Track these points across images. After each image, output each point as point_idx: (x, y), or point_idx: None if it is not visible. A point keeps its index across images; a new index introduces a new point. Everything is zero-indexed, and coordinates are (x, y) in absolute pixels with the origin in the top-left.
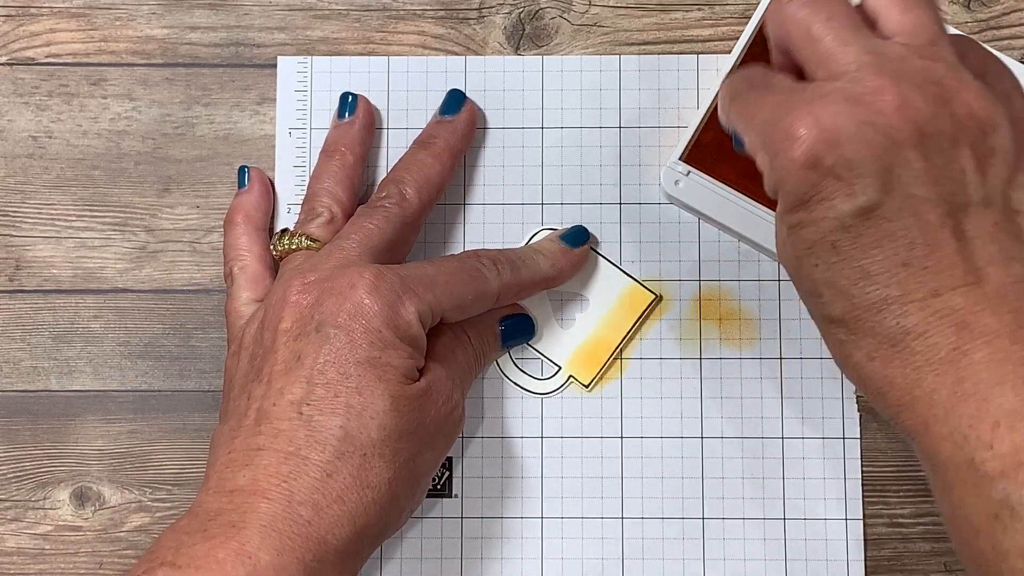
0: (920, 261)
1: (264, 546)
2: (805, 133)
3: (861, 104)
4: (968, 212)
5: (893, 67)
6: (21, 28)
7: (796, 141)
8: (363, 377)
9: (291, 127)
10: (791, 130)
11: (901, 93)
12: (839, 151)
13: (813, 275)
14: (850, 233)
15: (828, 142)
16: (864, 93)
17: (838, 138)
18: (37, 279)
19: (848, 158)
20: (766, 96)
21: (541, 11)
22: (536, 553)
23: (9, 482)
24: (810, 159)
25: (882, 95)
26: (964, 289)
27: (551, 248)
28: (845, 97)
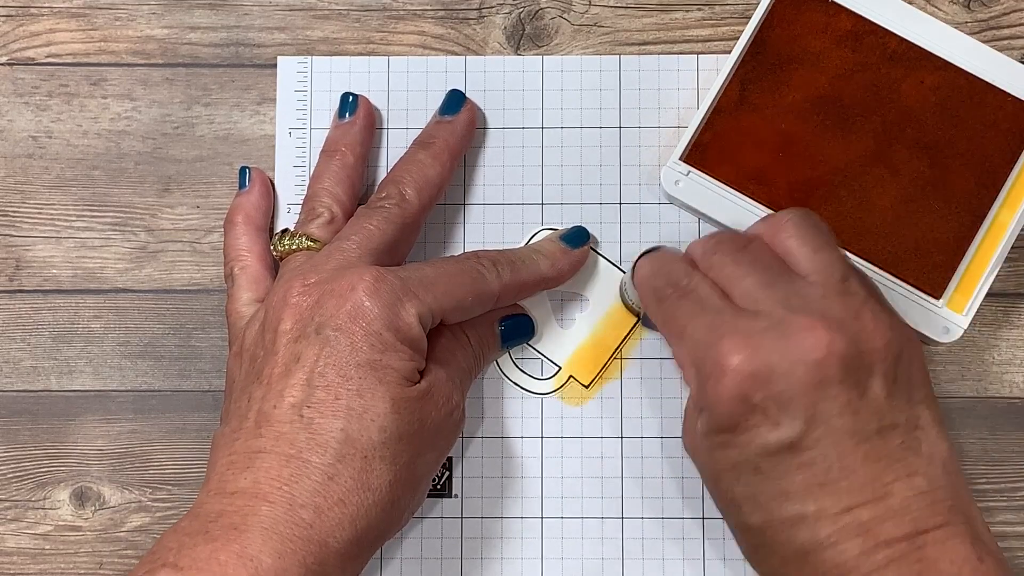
0: (835, 482)
1: (266, 549)
2: (737, 367)
3: (790, 342)
4: (879, 436)
5: (816, 307)
6: (21, 28)
7: (728, 373)
8: (364, 379)
9: (291, 127)
10: (724, 361)
11: (825, 333)
12: (769, 388)
13: (733, 489)
14: (773, 459)
15: (759, 379)
16: (791, 332)
17: (769, 375)
18: (37, 279)
19: (777, 396)
20: (696, 313)
21: (541, 11)
22: (536, 553)
23: (9, 482)
24: (741, 393)
25: (810, 335)
26: (872, 504)
27: (551, 249)
28: (775, 334)
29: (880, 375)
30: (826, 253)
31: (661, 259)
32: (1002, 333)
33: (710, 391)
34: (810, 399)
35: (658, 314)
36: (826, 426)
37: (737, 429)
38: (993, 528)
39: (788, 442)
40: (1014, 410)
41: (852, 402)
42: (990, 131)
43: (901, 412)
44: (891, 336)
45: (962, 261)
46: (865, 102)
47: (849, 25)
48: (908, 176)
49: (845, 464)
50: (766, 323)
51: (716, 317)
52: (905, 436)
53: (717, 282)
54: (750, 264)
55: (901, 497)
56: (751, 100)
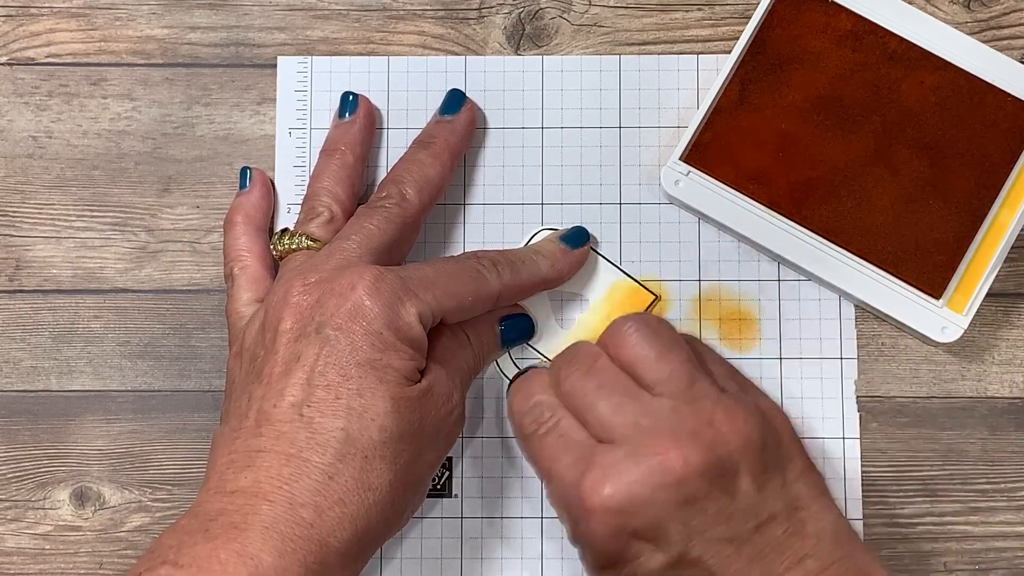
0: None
1: (266, 548)
2: (602, 504)
3: (647, 468)
4: (760, 532)
5: (666, 425)
6: (21, 28)
7: (596, 510)
8: (364, 379)
9: (291, 127)
10: (589, 498)
11: (681, 449)
12: (639, 517)
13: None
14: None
15: (627, 510)
16: (647, 456)
17: (636, 506)
18: (37, 279)
19: (648, 522)
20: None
21: (541, 11)
22: (536, 553)
23: (9, 482)
24: (614, 527)
25: (664, 457)
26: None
27: (551, 249)
28: (632, 462)
29: (746, 473)
30: (669, 357)
31: (527, 390)
32: (1002, 333)
33: (584, 531)
34: (682, 518)
35: (526, 451)
36: (704, 538)
37: (621, 561)
38: (993, 528)
39: (672, 563)
40: (1014, 410)
41: (723, 509)
42: (990, 131)
43: (778, 499)
44: (747, 431)
45: (962, 261)
46: (865, 102)
47: (849, 25)
48: (908, 176)
49: (734, 569)
50: (623, 452)
51: (576, 454)
52: (787, 523)
53: (574, 408)
54: (599, 388)
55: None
56: (751, 100)
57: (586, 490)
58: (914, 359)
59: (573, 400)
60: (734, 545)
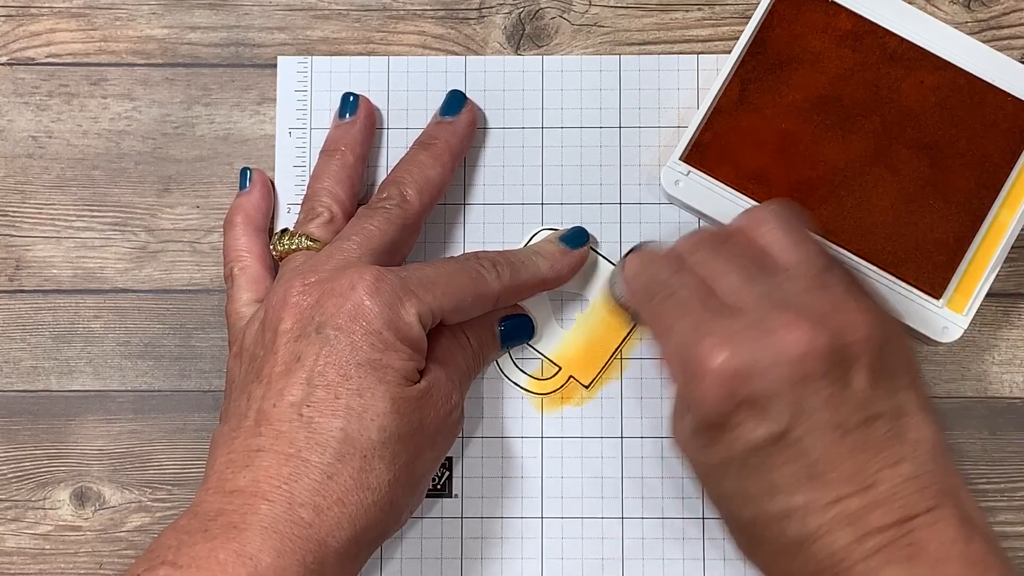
0: (823, 475)
1: (265, 548)
2: (720, 366)
3: (771, 340)
4: (864, 426)
5: (796, 302)
6: (21, 28)
7: (711, 373)
8: (363, 379)
9: (291, 127)
10: (707, 360)
11: (806, 329)
12: (752, 385)
13: (723, 485)
14: (760, 454)
15: (742, 377)
16: (772, 329)
17: (751, 372)
18: (37, 279)
19: (760, 392)
20: (680, 313)
21: (541, 11)
22: (536, 553)
23: (9, 482)
24: (725, 391)
25: (789, 332)
26: (860, 493)
27: (551, 250)
28: (756, 332)
29: (863, 367)
30: (806, 245)
31: (647, 258)
32: (1002, 333)
33: (695, 390)
34: (793, 395)
35: (645, 314)
36: (811, 420)
37: (723, 427)
38: (993, 528)
39: (774, 437)
40: (1014, 410)
41: (835, 395)
42: (990, 131)
43: (885, 401)
44: (873, 327)
45: (962, 261)
46: (865, 102)
47: (849, 25)
48: (908, 176)
49: (832, 456)
50: (747, 321)
51: (699, 317)
52: (890, 424)
53: (702, 279)
54: (730, 260)
55: (888, 485)
56: (751, 100)
57: (705, 351)
58: None
59: (704, 268)
60: (837, 433)
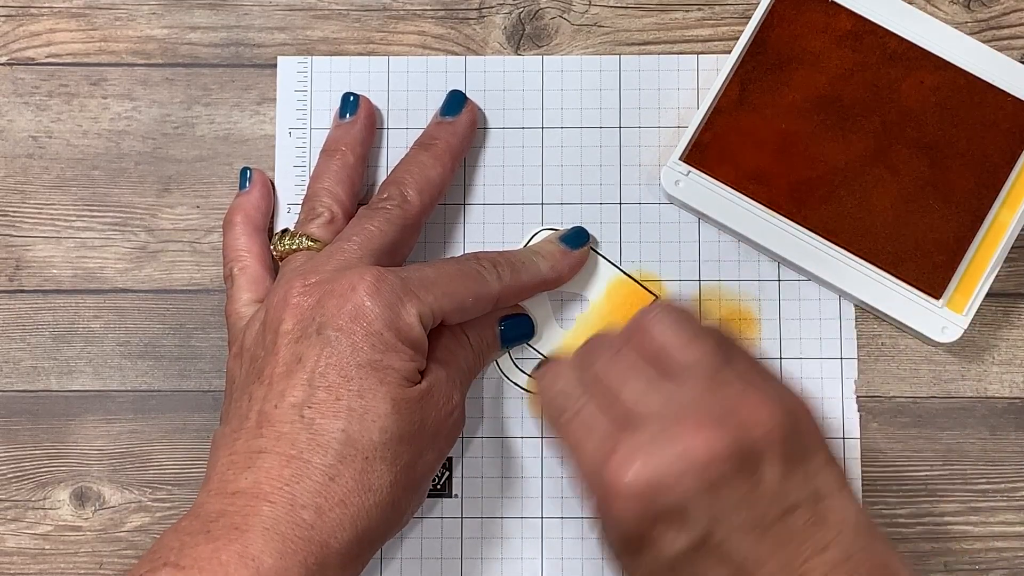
0: (747, 574)
1: (267, 549)
2: (629, 484)
3: (677, 448)
4: (783, 520)
5: (697, 406)
6: (21, 28)
7: (622, 490)
8: (364, 380)
9: (291, 127)
10: (617, 477)
11: (710, 432)
12: (665, 496)
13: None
14: (686, 563)
15: (654, 489)
16: (677, 436)
17: (662, 484)
18: (37, 279)
19: (673, 503)
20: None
21: (541, 11)
22: (536, 553)
23: (9, 482)
24: (639, 507)
25: (693, 437)
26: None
27: (551, 250)
28: (661, 442)
29: (772, 460)
30: (700, 343)
31: (552, 375)
32: (1002, 333)
33: (610, 509)
34: (708, 500)
35: (555, 433)
36: (729, 522)
37: (644, 540)
38: (993, 528)
39: (695, 545)
40: (1014, 410)
41: (750, 493)
42: (990, 131)
43: (801, 489)
44: (774, 417)
45: (962, 261)
46: (865, 102)
47: (849, 25)
48: (908, 176)
49: (757, 555)
50: (650, 433)
51: (604, 432)
52: (811, 511)
53: (604, 394)
54: (624, 373)
55: (819, 574)
56: (751, 100)
57: (611, 472)
58: (914, 359)
59: (598, 386)
60: (757, 531)
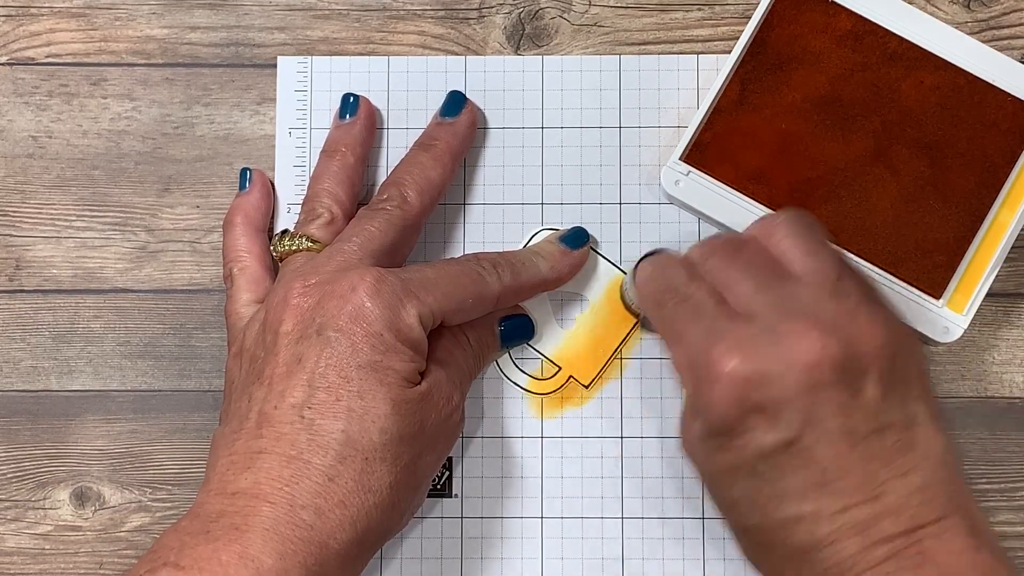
0: (832, 483)
1: (267, 550)
2: (731, 372)
3: (782, 347)
4: (875, 436)
5: (809, 311)
6: (21, 28)
7: (723, 378)
8: (364, 381)
9: (291, 127)
10: (718, 365)
11: (818, 337)
12: (763, 392)
13: (731, 491)
14: (769, 461)
15: (753, 383)
16: (784, 337)
17: (763, 380)
18: (37, 279)
19: (771, 398)
20: (692, 319)
21: (541, 11)
22: (536, 553)
23: (9, 482)
24: (735, 397)
25: (800, 340)
26: (869, 503)
27: (551, 250)
28: (767, 339)
29: (874, 377)
30: (820, 254)
31: (660, 264)
32: (1002, 333)
33: (705, 396)
34: (804, 402)
35: (656, 320)
36: (821, 428)
37: (733, 432)
38: (993, 528)
39: (783, 444)
40: (1014, 410)
41: (846, 404)
42: (990, 131)
43: (896, 411)
44: (885, 337)
45: (962, 261)
46: (865, 102)
47: (849, 25)
48: (908, 176)
49: (841, 465)
50: (760, 328)
51: (711, 323)
52: (900, 435)
53: (714, 286)
54: (744, 268)
55: (897, 495)
56: (751, 100)
57: (716, 357)
58: None
59: (717, 276)
60: (847, 442)
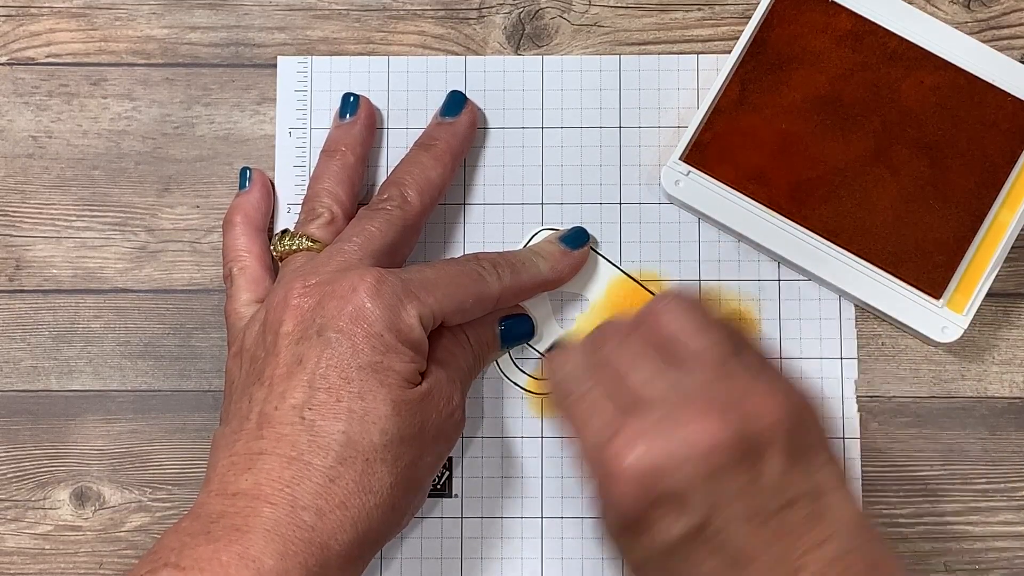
0: (747, 566)
1: (268, 550)
2: (630, 466)
3: (680, 434)
4: (782, 513)
5: (703, 393)
6: (21, 28)
7: (623, 472)
8: (365, 382)
9: (291, 127)
10: (619, 458)
11: (713, 420)
12: (666, 481)
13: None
14: (681, 550)
15: (655, 472)
16: (681, 423)
17: (664, 468)
18: (37, 279)
19: (675, 486)
20: (590, 416)
21: (541, 11)
22: (536, 553)
23: (9, 482)
24: (638, 490)
25: (697, 424)
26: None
27: (551, 250)
28: (665, 427)
29: (776, 451)
30: (710, 332)
31: (561, 358)
32: (1002, 333)
33: (611, 490)
34: (708, 487)
35: (561, 414)
36: (728, 511)
37: (641, 524)
38: (993, 528)
39: (692, 532)
40: (1014, 410)
41: (749, 485)
42: (990, 131)
43: (802, 483)
44: (781, 410)
45: (962, 261)
46: (865, 102)
47: (849, 25)
48: (908, 176)
49: (754, 546)
50: (656, 417)
51: (610, 415)
52: (810, 506)
53: (607, 380)
54: (637, 355)
55: (815, 568)
56: (751, 100)
57: (613, 453)
58: (914, 359)
59: (606, 370)
60: (755, 523)
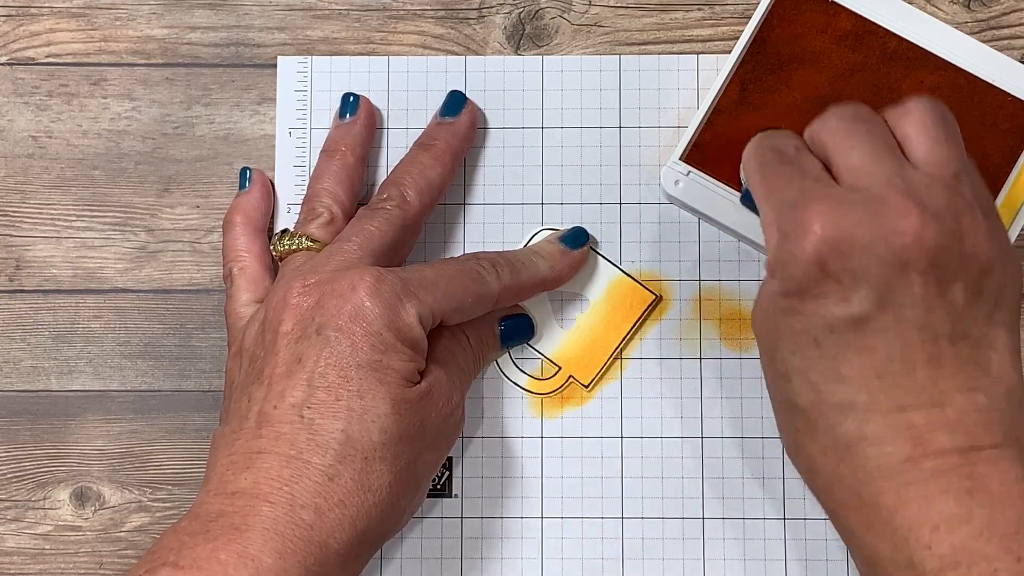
0: (893, 377)
1: (266, 549)
2: (820, 230)
3: (881, 219)
4: (949, 341)
5: (919, 193)
6: (21, 28)
7: (809, 235)
8: (364, 380)
9: (291, 127)
10: (807, 222)
11: (922, 219)
12: (847, 259)
13: (788, 360)
14: (835, 335)
15: (840, 246)
16: (887, 210)
17: (850, 245)
18: (37, 279)
19: (854, 268)
20: (792, 178)
21: (541, 11)
22: (536, 553)
23: (9, 482)
24: (817, 256)
25: (904, 217)
26: (927, 410)
27: (550, 250)
28: (868, 208)
29: (965, 281)
30: (946, 148)
31: (774, 132)
32: None
33: (788, 251)
34: (886, 280)
35: (756, 178)
36: (896, 313)
37: (806, 295)
38: None
39: (854, 319)
40: None
41: (929, 297)
42: (990, 131)
43: (977, 326)
44: (988, 248)
45: None
46: (865, 102)
47: (849, 25)
48: None
49: (907, 359)
50: (861, 197)
51: (811, 183)
52: (975, 350)
53: (826, 149)
54: (862, 137)
55: (958, 409)
56: (751, 100)
57: (810, 213)
58: None
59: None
60: (921, 337)
